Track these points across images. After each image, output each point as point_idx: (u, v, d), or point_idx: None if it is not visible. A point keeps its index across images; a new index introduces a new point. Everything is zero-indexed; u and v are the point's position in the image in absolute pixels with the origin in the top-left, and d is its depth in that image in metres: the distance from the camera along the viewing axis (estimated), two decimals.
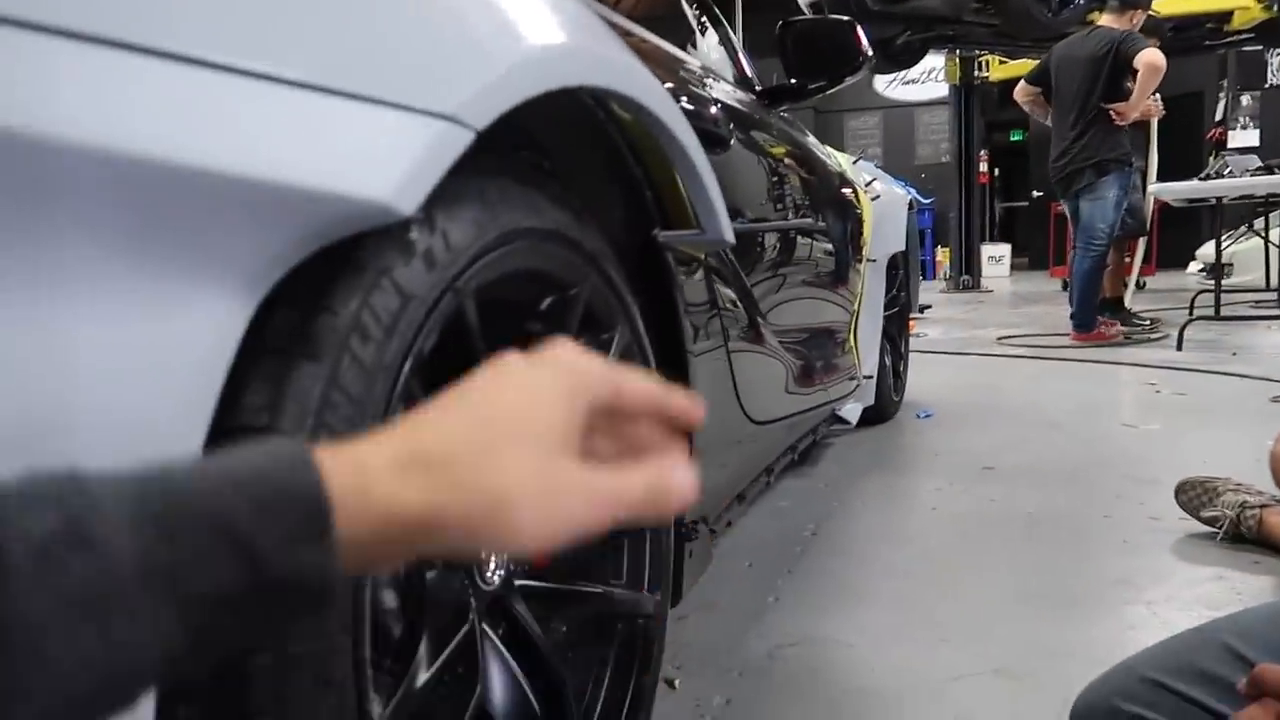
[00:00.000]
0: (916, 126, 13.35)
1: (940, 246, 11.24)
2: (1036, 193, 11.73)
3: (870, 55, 1.92)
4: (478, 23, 0.64)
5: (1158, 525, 1.93)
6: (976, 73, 9.19)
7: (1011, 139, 13.74)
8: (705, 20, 1.92)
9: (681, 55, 1.48)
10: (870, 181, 2.81)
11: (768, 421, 1.60)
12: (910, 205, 3.26)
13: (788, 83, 1.92)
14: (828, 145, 2.56)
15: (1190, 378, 3.73)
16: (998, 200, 13.75)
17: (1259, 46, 7.26)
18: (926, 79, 12.37)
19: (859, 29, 1.92)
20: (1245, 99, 8.08)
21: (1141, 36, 4.62)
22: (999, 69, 8.96)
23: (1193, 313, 5.19)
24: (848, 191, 2.35)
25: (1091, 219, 4.74)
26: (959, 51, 8.66)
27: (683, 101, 1.19)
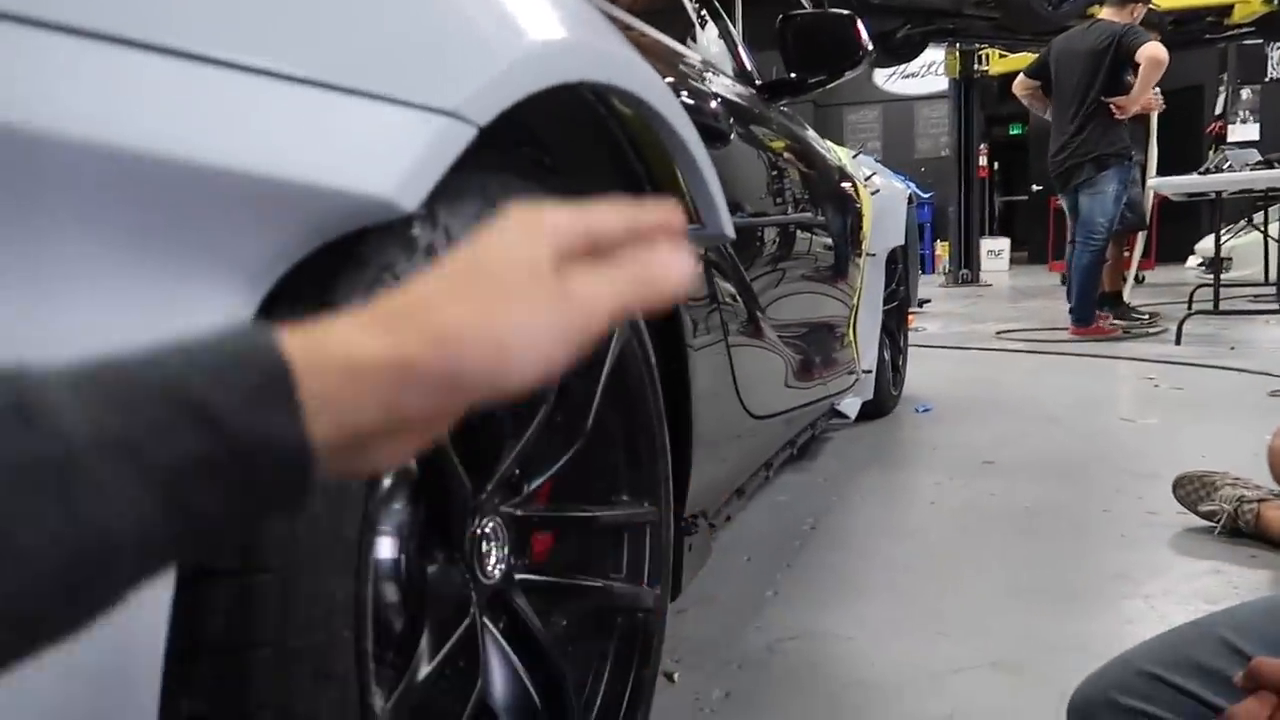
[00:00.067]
0: (916, 120, 13.33)
1: (939, 240, 11.24)
2: (1036, 187, 11.72)
3: (870, 49, 1.92)
4: (479, 18, 0.64)
5: (1155, 519, 1.94)
6: (976, 66, 9.17)
7: (1011, 133, 13.73)
8: (705, 13, 1.92)
9: (681, 49, 1.48)
10: (870, 176, 2.81)
11: (767, 416, 1.60)
12: (910, 200, 3.26)
13: (788, 77, 1.92)
14: (827, 139, 2.56)
15: (1189, 372, 3.74)
16: (997, 194, 13.74)
17: (1259, 40, 7.25)
18: (926, 73, 12.35)
19: (859, 23, 1.92)
20: (1245, 93, 8.08)
21: (1143, 30, 4.61)
22: (999, 63, 8.95)
23: (1191, 307, 5.20)
24: (847, 186, 2.35)
25: (1091, 213, 4.74)
26: (959, 45, 8.65)
27: (683, 96, 1.19)
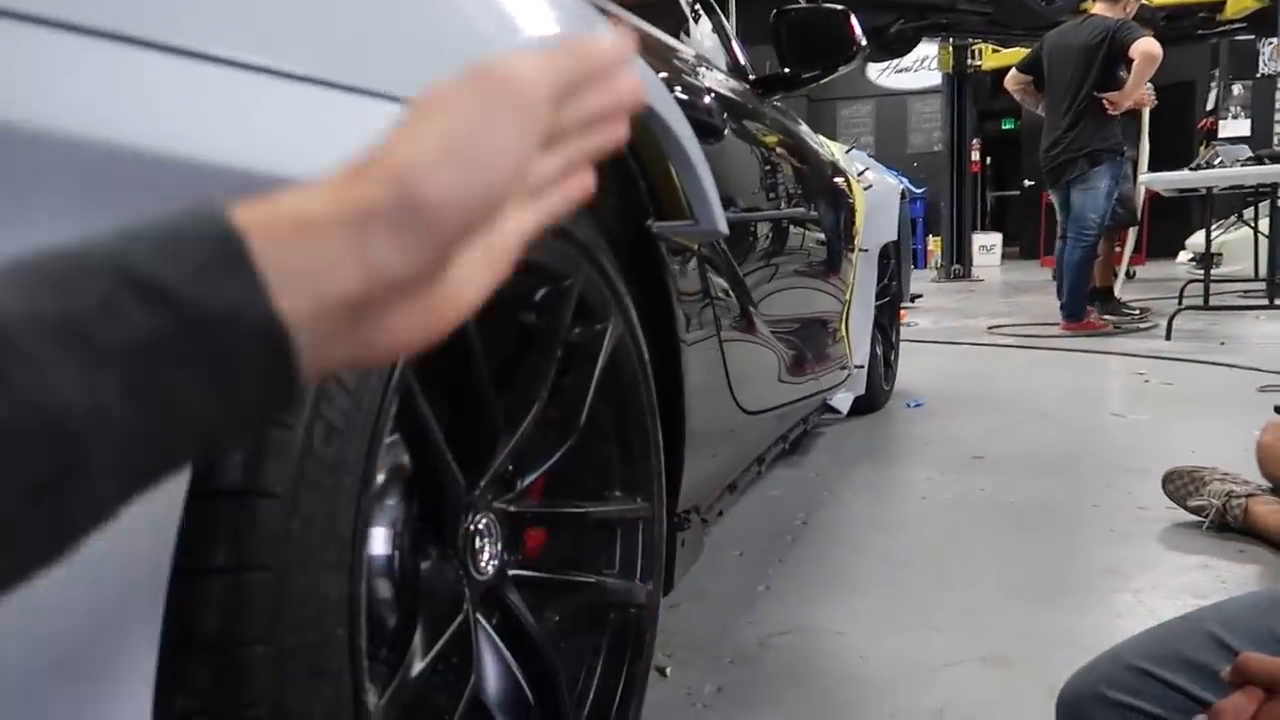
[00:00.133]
0: (909, 115, 13.34)
1: (932, 235, 11.26)
2: (1028, 182, 11.75)
3: (864, 45, 1.92)
4: (478, 18, 0.64)
5: (1145, 514, 1.95)
6: (969, 61, 9.19)
7: (1004, 128, 13.74)
8: (698, 8, 1.92)
9: (675, 44, 1.47)
10: (863, 171, 2.81)
11: (760, 411, 1.60)
12: (902, 195, 3.27)
13: (781, 72, 1.92)
14: (821, 133, 2.56)
15: (1179, 367, 3.75)
16: (989, 189, 13.77)
17: (1251, 36, 7.27)
18: (919, 67, 12.36)
19: (853, 18, 1.92)
20: (1236, 89, 8.10)
21: (1136, 25, 4.61)
22: (992, 58, 8.96)
23: (1182, 302, 5.22)
24: (840, 181, 2.35)
25: (1083, 209, 4.75)
26: (952, 40, 8.66)
27: (677, 91, 1.19)
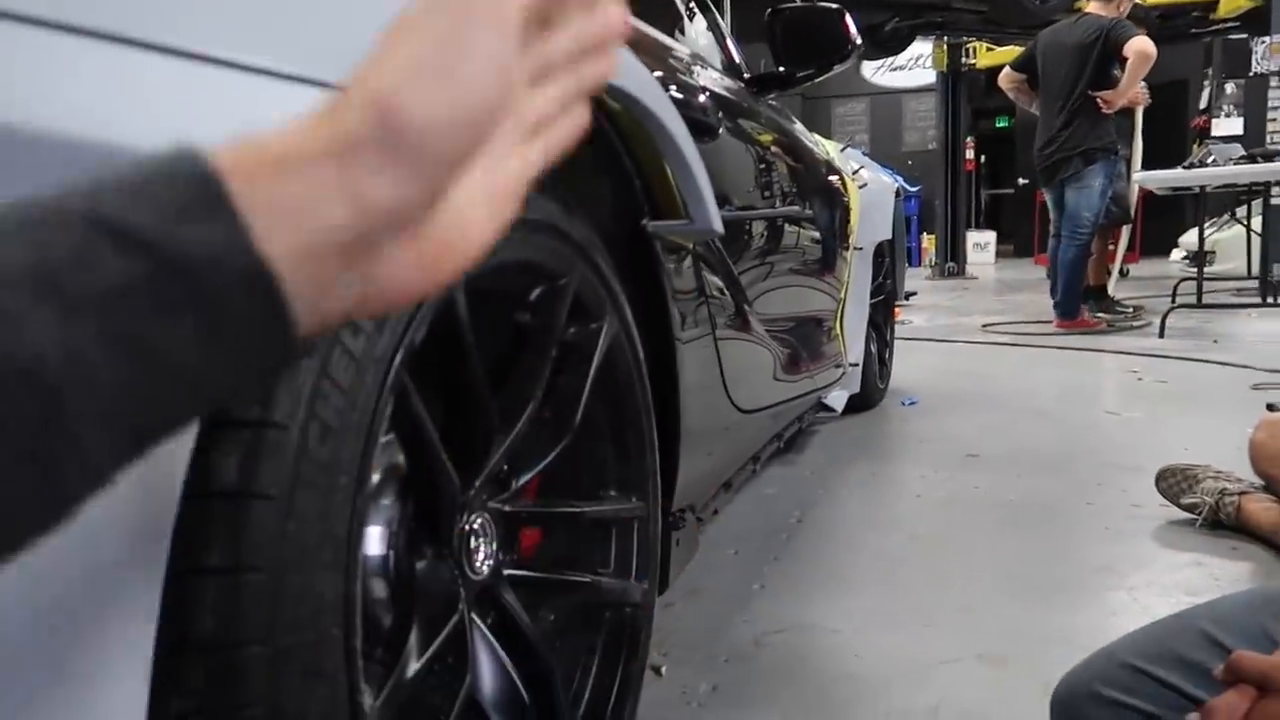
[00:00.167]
0: (904, 113, 13.36)
1: (926, 233, 11.27)
2: (1022, 180, 11.76)
3: (859, 43, 1.92)
4: None
5: (1139, 512, 1.96)
6: (964, 60, 9.20)
7: (998, 126, 13.75)
8: (693, 5, 1.92)
9: (670, 42, 1.47)
10: (857, 170, 2.82)
11: (755, 410, 1.61)
12: (897, 194, 3.27)
13: (776, 70, 1.92)
14: (816, 131, 2.56)
15: (1172, 365, 3.77)
16: (983, 187, 13.78)
17: (1244, 35, 7.29)
18: (914, 66, 12.38)
19: (847, 16, 1.92)
20: (1229, 87, 8.11)
21: (1130, 24, 4.62)
22: (986, 56, 8.97)
23: (1175, 300, 5.23)
24: (835, 180, 2.35)
25: (1077, 207, 4.76)
26: (946, 38, 8.67)
27: (672, 90, 1.19)
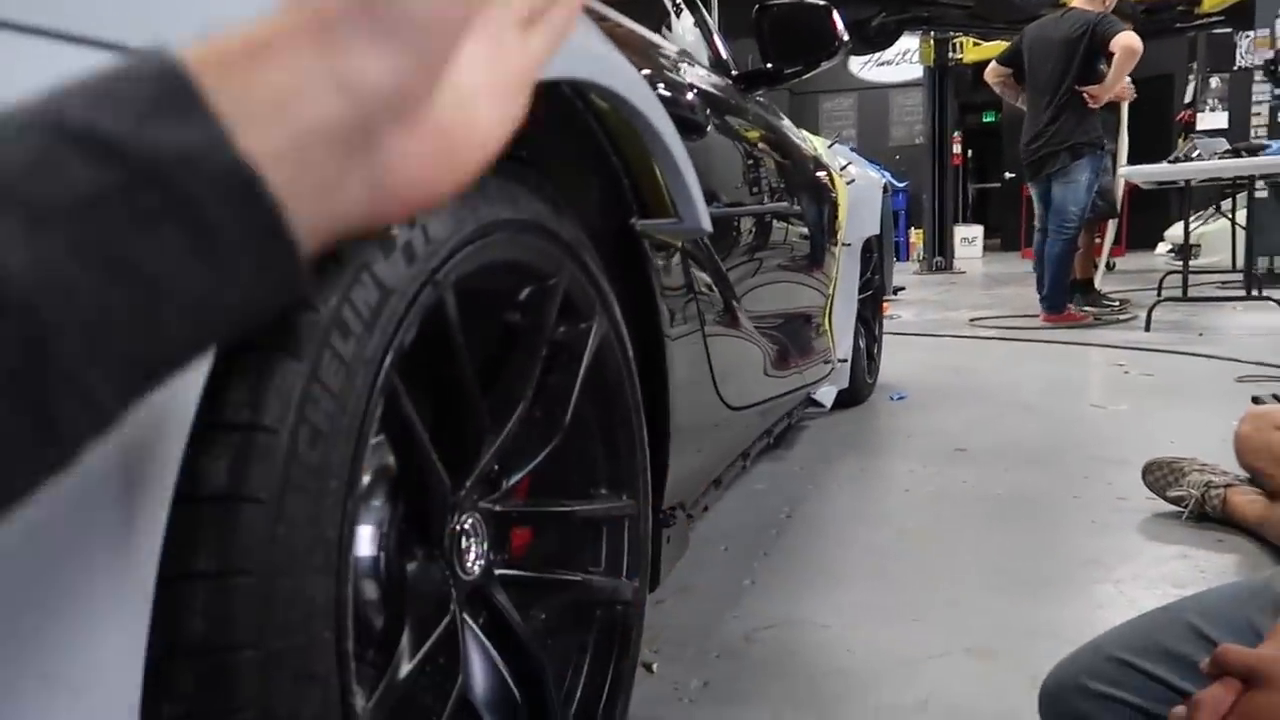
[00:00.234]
0: (891, 108, 13.38)
1: (914, 228, 11.30)
2: (1009, 174, 11.81)
3: (846, 40, 1.92)
4: None
5: (1125, 505, 1.97)
6: (950, 54, 9.22)
7: (985, 120, 13.80)
8: (680, 2, 1.92)
9: (657, 39, 1.47)
10: (845, 165, 2.82)
11: (744, 407, 1.61)
12: (885, 189, 3.28)
13: (764, 67, 1.92)
14: (803, 126, 2.57)
15: (1158, 358, 3.79)
16: (970, 181, 13.83)
17: (1228, 29, 7.34)
18: (901, 60, 12.40)
19: (835, 13, 1.92)
20: (1214, 81, 8.16)
21: (1116, 19, 4.64)
22: (973, 51, 9.00)
23: (1161, 294, 5.27)
24: (823, 176, 2.36)
25: (1064, 202, 4.78)
26: (933, 33, 8.69)
27: (660, 88, 1.19)
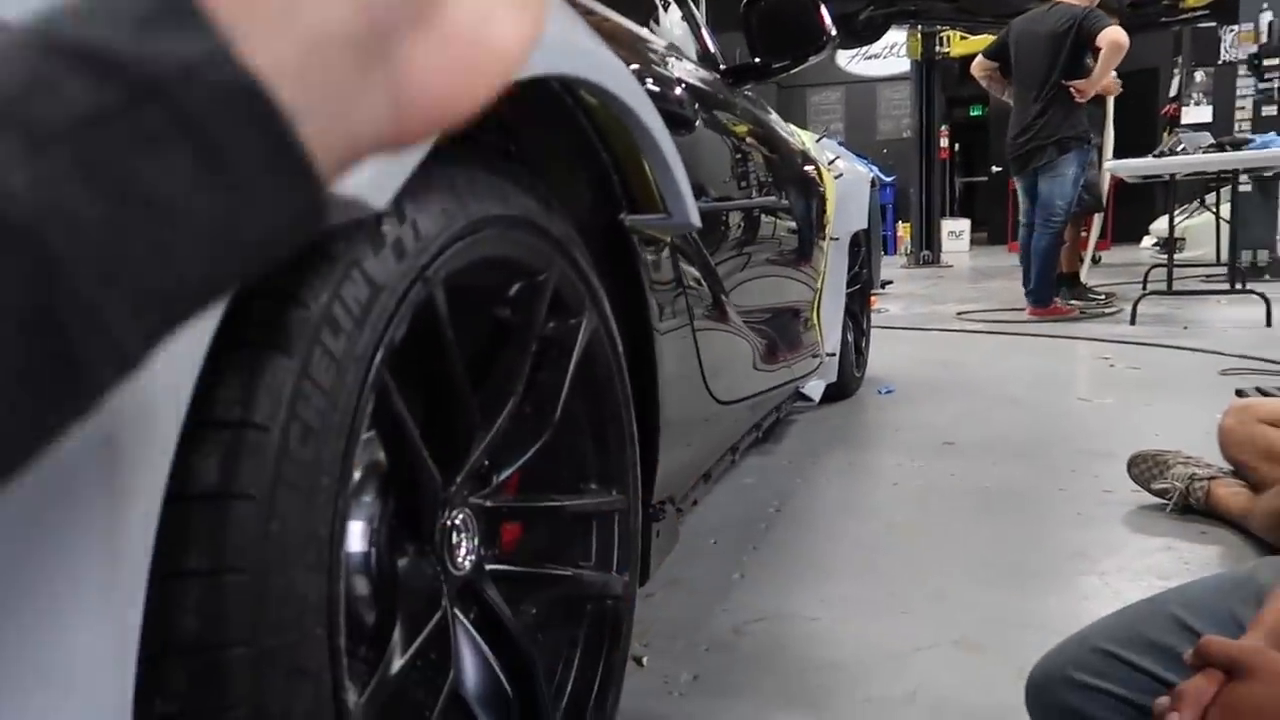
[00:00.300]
0: (878, 102, 13.40)
1: (901, 222, 11.34)
2: (996, 168, 11.86)
3: (834, 34, 1.93)
4: None
5: (1110, 498, 1.99)
6: (938, 49, 9.25)
7: (972, 114, 13.84)
8: None
9: (645, 34, 1.47)
10: (833, 160, 2.83)
11: (733, 401, 1.61)
12: (872, 183, 3.29)
13: (752, 61, 1.93)
14: (791, 120, 2.57)
15: (1143, 352, 3.82)
16: (958, 175, 13.88)
17: (1213, 23, 7.39)
18: (888, 54, 12.41)
19: (822, 8, 1.92)
20: (1199, 75, 8.20)
21: (1103, 14, 4.66)
22: (960, 44, 9.02)
23: (1146, 287, 5.30)
24: (811, 170, 2.36)
25: (1051, 196, 4.80)
26: (920, 27, 8.71)
27: (648, 83, 1.19)
